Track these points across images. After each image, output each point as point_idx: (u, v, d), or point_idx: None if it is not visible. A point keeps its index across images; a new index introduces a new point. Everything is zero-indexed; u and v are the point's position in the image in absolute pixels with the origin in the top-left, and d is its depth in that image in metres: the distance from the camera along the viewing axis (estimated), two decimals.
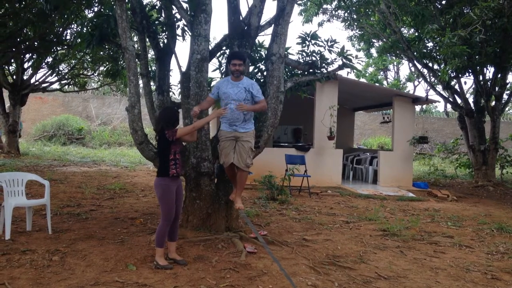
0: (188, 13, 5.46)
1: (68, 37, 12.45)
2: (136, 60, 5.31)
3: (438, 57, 11.78)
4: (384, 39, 13.09)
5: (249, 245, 4.78)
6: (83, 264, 4.05)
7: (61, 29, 11.66)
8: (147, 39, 6.06)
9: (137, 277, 3.79)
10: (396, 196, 9.39)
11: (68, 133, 19.82)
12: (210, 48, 5.49)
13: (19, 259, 4.09)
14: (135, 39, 7.30)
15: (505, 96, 12.84)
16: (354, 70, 6.05)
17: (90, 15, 10.33)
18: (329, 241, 5.35)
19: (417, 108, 21.71)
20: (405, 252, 5.06)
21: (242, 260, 4.29)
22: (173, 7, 5.78)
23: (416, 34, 12.71)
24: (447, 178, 14.12)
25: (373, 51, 19.14)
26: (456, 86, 13.02)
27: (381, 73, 29.69)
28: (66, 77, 16.16)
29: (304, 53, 5.99)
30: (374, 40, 15.02)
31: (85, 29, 6.62)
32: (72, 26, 11.90)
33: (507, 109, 13.69)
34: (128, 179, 10.31)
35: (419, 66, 12.79)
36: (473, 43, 9.55)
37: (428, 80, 14.49)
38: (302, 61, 5.95)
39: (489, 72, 12.35)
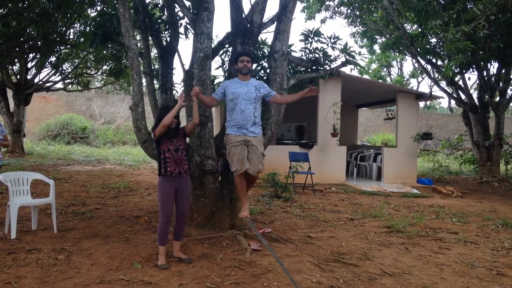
0: (191, 11, 5.47)
1: (71, 37, 12.52)
2: (139, 58, 5.33)
3: (441, 53, 11.71)
4: (387, 35, 13.03)
5: (254, 242, 4.78)
6: (88, 262, 4.07)
7: (64, 29, 11.71)
8: (150, 38, 6.07)
9: (142, 275, 3.81)
10: (401, 193, 9.36)
11: (72, 132, 19.90)
12: (213, 46, 5.49)
13: (25, 258, 4.12)
14: (138, 37, 7.31)
15: (509, 92, 12.73)
16: (357, 67, 6.02)
17: (93, 14, 10.36)
18: (334, 238, 5.35)
19: (421, 104, 21.52)
20: (410, 248, 5.05)
21: (246, 258, 4.29)
22: (176, 5, 5.78)
23: (420, 30, 12.63)
24: (451, 174, 14.08)
25: (376, 47, 19.08)
26: (460, 82, 12.94)
27: (385, 69, 29.55)
28: (70, 76, 16.22)
29: (307, 50, 5.98)
30: (377, 37, 14.95)
31: (88, 28, 6.64)
32: (75, 25, 11.95)
33: (511, 104, 13.56)
34: (133, 177, 10.35)
35: (423, 62, 12.73)
36: (476, 38, 9.48)
37: (432, 76, 14.41)
38: (305, 58, 5.94)
39: (493, 67, 12.29)
